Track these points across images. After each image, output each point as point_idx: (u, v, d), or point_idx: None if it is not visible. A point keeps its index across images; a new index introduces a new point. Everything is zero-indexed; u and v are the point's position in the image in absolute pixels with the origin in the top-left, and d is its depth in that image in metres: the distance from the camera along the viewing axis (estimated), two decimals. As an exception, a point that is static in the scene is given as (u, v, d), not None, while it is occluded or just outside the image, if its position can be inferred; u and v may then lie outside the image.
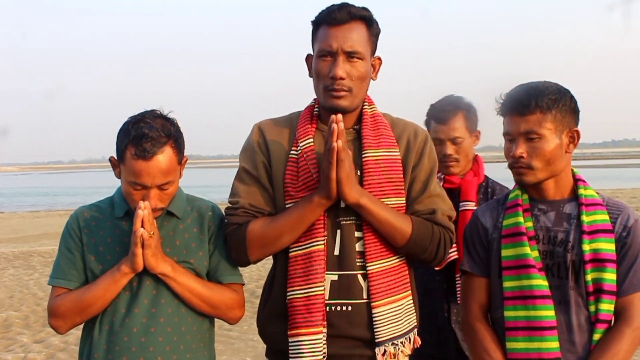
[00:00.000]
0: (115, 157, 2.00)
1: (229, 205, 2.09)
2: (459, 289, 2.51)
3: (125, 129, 1.96)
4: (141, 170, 1.91)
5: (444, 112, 2.60)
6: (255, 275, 8.50)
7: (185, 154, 2.05)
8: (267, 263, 2.11)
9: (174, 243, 2.06)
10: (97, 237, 2.06)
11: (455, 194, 2.58)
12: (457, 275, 2.51)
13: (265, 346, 2.18)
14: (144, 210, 1.91)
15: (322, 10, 2.03)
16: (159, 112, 2.02)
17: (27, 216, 22.43)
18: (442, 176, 2.62)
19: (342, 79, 1.97)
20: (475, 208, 2.45)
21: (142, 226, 1.91)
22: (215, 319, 2.18)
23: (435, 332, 2.56)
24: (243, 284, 2.17)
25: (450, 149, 2.59)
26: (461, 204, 2.57)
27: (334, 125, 1.86)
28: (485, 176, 2.70)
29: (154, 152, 1.91)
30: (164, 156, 1.93)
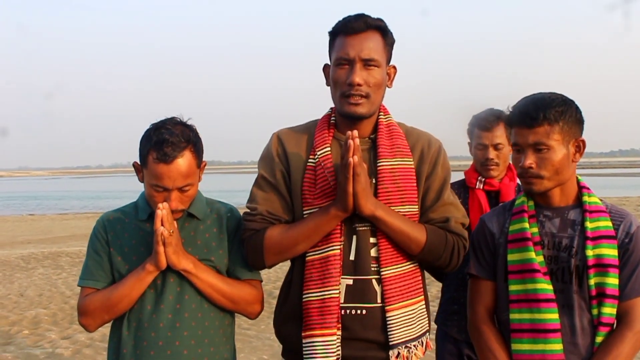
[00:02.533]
0: (139, 162, 2.09)
1: (247, 211, 2.15)
2: None
3: (147, 135, 2.04)
4: (162, 174, 2.00)
5: (488, 121, 2.82)
6: (273, 276, 8.57)
7: (206, 159, 2.14)
8: (285, 265, 2.16)
9: (195, 243, 2.14)
10: (122, 239, 2.14)
11: (492, 197, 2.81)
12: None
13: (281, 345, 2.24)
14: (162, 210, 1.99)
15: (339, 21, 2.08)
16: (178, 119, 2.10)
17: (56, 218, 22.80)
18: (483, 179, 2.84)
19: (359, 85, 2.01)
20: None
21: (162, 225, 1.99)
22: (236, 316, 2.25)
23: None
24: (261, 281, 2.23)
25: (492, 154, 2.80)
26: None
27: (350, 142, 1.89)
28: (517, 182, 2.87)
29: (175, 156, 1.99)
30: (184, 160, 2.01)
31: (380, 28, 2.06)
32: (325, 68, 2.15)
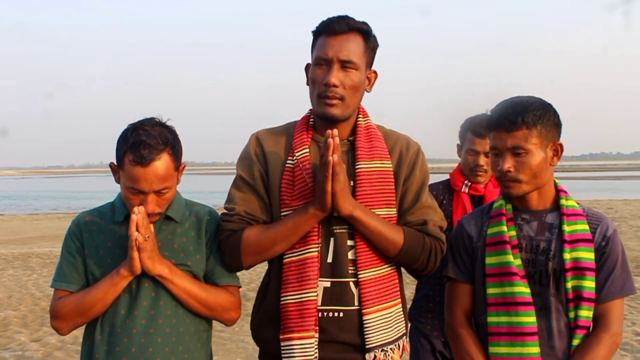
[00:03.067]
0: (115, 163, 2.04)
1: (225, 211, 2.12)
2: None
3: (124, 136, 1.99)
4: (139, 176, 1.95)
5: (483, 127, 2.75)
6: (247, 279, 8.53)
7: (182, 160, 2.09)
8: (260, 267, 2.15)
9: (172, 246, 2.10)
10: (97, 241, 2.09)
11: (476, 201, 2.82)
12: None
13: (255, 348, 2.21)
14: (137, 214, 1.94)
15: (323, 21, 2.07)
16: (157, 120, 2.05)
17: (27, 219, 22.41)
18: (469, 184, 2.84)
19: (335, 86, 2.00)
20: None
21: (137, 230, 1.94)
22: (213, 321, 2.21)
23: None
24: (239, 287, 2.19)
25: (482, 161, 2.80)
26: None
27: (330, 140, 1.89)
28: None
29: (151, 159, 1.94)
30: (161, 162, 1.96)
31: (362, 31, 2.06)
32: (307, 68, 2.14)
